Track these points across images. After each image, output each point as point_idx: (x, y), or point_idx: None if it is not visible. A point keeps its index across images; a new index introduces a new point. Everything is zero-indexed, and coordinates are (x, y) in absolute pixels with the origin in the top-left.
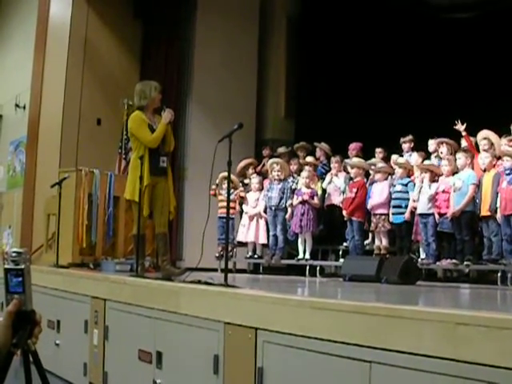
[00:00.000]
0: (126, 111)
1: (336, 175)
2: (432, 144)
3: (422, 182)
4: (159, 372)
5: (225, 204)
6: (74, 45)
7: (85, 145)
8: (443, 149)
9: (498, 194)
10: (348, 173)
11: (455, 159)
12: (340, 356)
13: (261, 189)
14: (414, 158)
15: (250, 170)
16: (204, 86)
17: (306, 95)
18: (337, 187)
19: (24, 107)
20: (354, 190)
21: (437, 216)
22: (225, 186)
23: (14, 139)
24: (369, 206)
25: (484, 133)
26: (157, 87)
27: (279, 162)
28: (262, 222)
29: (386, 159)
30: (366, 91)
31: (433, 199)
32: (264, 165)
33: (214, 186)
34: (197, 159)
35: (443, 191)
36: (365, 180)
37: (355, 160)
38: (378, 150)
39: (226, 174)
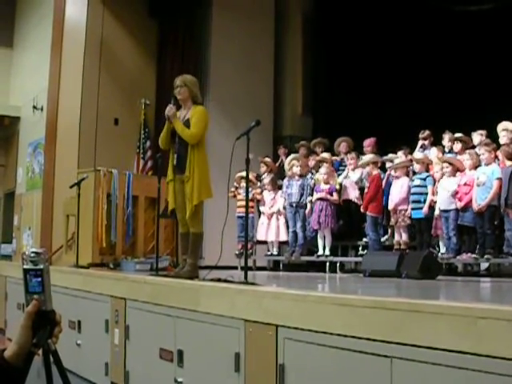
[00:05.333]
0: (144, 110)
1: (353, 170)
2: (446, 139)
3: (442, 176)
4: (180, 370)
5: (243, 203)
6: (90, 45)
7: (102, 145)
8: (458, 145)
9: None
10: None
11: (476, 153)
12: (361, 352)
13: (275, 188)
14: (434, 153)
15: (264, 169)
16: (221, 85)
17: (323, 91)
18: (352, 182)
19: (41, 109)
20: (367, 184)
21: (459, 204)
22: (242, 184)
23: (32, 141)
24: (390, 204)
25: (503, 124)
26: None
27: (299, 157)
28: (281, 220)
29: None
30: (383, 86)
31: (455, 194)
32: (281, 162)
33: (232, 189)
34: (215, 157)
35: (465, 184)
36: (381, 174)
37: (366, 157)
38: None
39: (242, 174)
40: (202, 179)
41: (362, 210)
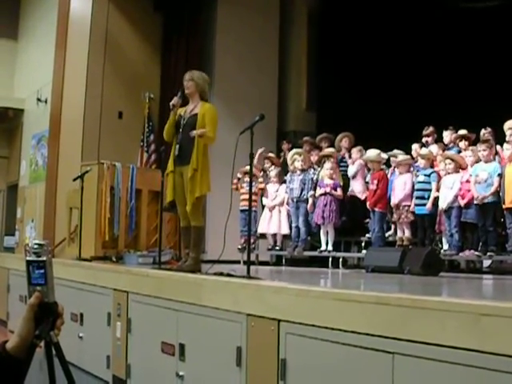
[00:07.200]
0: (148, 104)
1: (352, 164)
2: (447, 136)
3: (448, 173)
4: (182, 364)
5: (246, 197)
6: (95, 39)
7: (106, 138)
8: (462, 143)
9: None
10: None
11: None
12: (363, 347)
13: (280, 181)
14: (434, 150)
15: (268, 164)
16: (225, 79)
17: (328, 87)
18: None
19: (46, 101)
20: (375, 181)
21: (461, 201)
22: (246, 179)
23: (36, 133)
24: (393, 201)
25: (510, 122)
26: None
27: (301, 152)
28: (283, 213)
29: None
30: (388, 82)
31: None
32: (284, 157)
33: (235, 180)
34: (218, 151)
35: (467, 181)
36: (386, 171)
37: (370, 154)
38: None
39: (246, 168)
40: (205, 173)
41: (368, 207)
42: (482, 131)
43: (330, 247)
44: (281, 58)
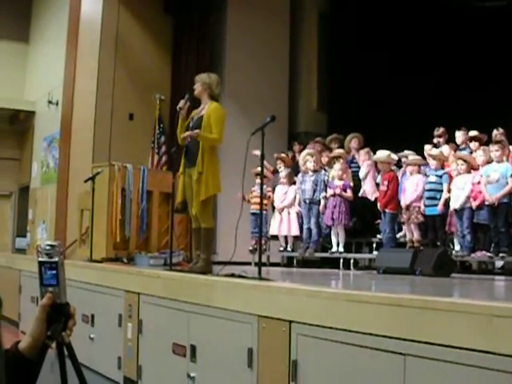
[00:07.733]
0: (159, 106)
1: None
2: (459, 136)
3: (459, 174)
4: (193, 365)
5: (257, 200)
6: (106, 41)
7: (117, 140)
8: (472, 144)
9: None
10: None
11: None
12: (374, 348)
13: (290, 182)
14: (446, 151)
15: (280, 164)
16: (236, 80)
17: (338, 87)
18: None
19: (57, 103)
20: (386, 182)
21: (473, 203)
22: (257, 180)
23: (47, 135)
24: (403, 202)
25: None
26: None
27: (313, 153)
28: (293, 214)
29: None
30: (399, 82)
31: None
32: (295, 159)
33: (247, 197)
34: (229, 152)
35: (478, 182)
36: (397, 172)
37: (380, 155)
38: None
39: (257, 169)
40: (210, 174)
41: (379, 208)
42: (494, 132)
43: (340, 248)
44: (291, 58)
